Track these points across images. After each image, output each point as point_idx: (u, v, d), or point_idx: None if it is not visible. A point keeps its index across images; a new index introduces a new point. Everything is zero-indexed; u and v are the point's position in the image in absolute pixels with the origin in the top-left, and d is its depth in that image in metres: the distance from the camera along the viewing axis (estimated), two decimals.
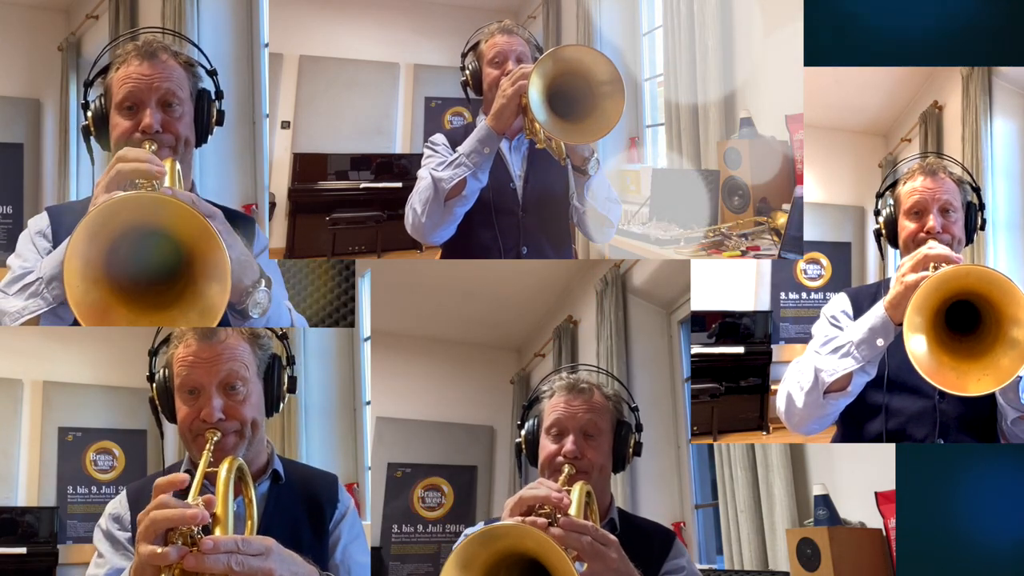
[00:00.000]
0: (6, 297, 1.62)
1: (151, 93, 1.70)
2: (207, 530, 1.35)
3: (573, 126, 1.99)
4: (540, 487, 1.47)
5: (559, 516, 1.43)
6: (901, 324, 1.74)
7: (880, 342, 1.79)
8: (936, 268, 1.72)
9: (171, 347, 1.65)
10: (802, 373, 1.88)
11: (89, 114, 1.75)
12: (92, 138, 1.76)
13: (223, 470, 1.44)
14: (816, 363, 1.85)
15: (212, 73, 1.83)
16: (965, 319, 1.73)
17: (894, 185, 2.04)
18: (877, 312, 1.79)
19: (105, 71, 1.76)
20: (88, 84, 1.78)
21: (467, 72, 2.22)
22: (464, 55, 2.25)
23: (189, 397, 1.60)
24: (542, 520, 1.40)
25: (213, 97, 1.81)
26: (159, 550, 1.29)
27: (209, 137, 1.82)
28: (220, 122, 1.82)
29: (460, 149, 2.08)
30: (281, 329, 1.74)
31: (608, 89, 1.96)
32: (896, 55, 2.49)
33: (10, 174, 3.30)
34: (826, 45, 2.44)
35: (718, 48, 3.28)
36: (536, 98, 1.95)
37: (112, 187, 1.51)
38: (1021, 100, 3.05)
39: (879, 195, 2.07)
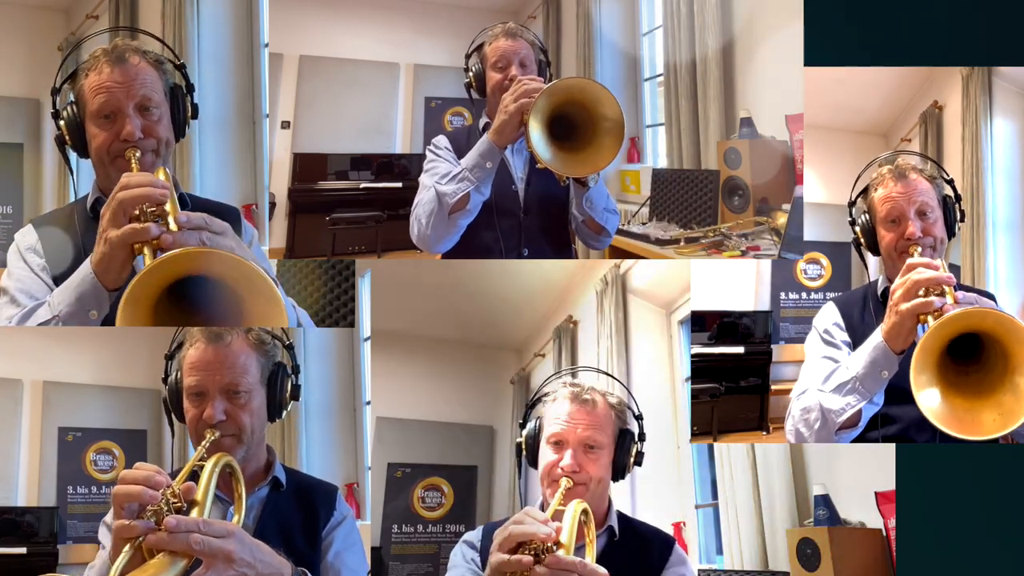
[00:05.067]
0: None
1: (128, 100, 1.68)
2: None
3: (570, 156, 2.01)
4: (529, 523, 1.45)
5: (549, 548, 1.42)
6: (902, 352, 1.72)
7: (885, 374, 1.75)
8: (927, 293, 1.69)
9: (183, 349, 1.68)
10: (809, 411, 1.84)
11: (62, 123, 1.71)
12: (68, 147, 1.73)
13: (209, 463, 1.49)
14: (823, 402, 1.81)
15: (180, 67, 1.80)
16: (965, 347, 1.70)
17: (865, 192, 2.00)
18: (876, 342, 1.75)
19: (72, 76, 1.73)
20: (56, 92, 1.74)
21: (471, 74, 2.23)
22: (468, 56, 2.25)
23: (196, 399, 1.64)
24: (528, 559, 1.40)
25: (185, 91, 1.79)
26: (127, 523, 1.33)
27: (187, 130, 1.80)
28: (195, 115, 1.80)
29: (463, 163, 2.08)
30: (288, 339, 1.75)
31: (609, 125, 1.97)
32: (896, 55, 2.50)
33: (10, 174, 3.30)
34: (826, 45, 2.44)
35: (718, 48, 3.28)
36: (537, 135, 1.96)
37: (118, 218, 1.50)
38: (1021, 100, 3.05)
39: (851, 203, 2.03)
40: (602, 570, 1.42)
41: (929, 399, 1.63)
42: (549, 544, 1.42)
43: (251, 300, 1.47)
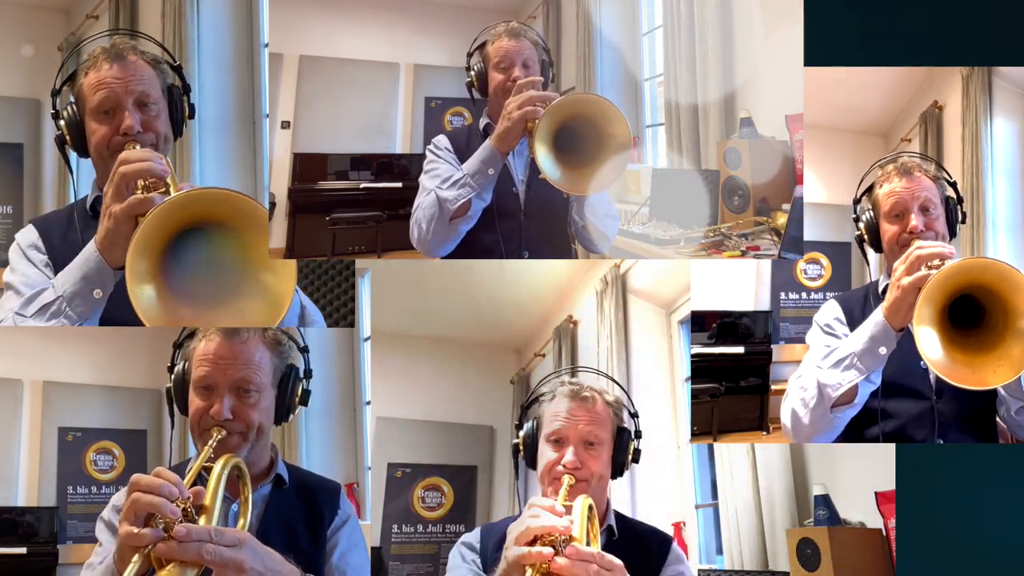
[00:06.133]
0: (25, 320, 1.62)
1: (127, 95, 1.71)
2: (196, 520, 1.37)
3: (577, 173, 2.01)
4: (543, 515, 1.46)
5: (565, 541, 1.43)
6: (902, 330, 1.73)
7: (883, 350, 1.77)
8: (931, 267, 1.71)
9: (194, 340, 1.67)
10: (805, 389, 1.86)
11: (62, 123, 1.73)
12: (68, 147, 1.75)
13: (218, 465, 1.48)
14: (819, 377, 1.83)
15: (177, 68, 1.84)
16: (967, 314, 1.72)
17: (870, 189, 2.03)
18: (876, 319, 1.77)
19: (72, 78, 1.75)
20: (55, 93, 1.77)
21: (472, 73, 2.22)
22: (469, 55, 2.24)
23: (203, 392, 1.63)
24: (548, 551, 1.41)
25: (182, 91, 1.82)
26: (136, 531, 1.31)
27: (184, 129, 1.83)
28: (192, 115, 1.83)
29: (465, 168, 2.08)
30: (303, 342, 1.75)
31: (617, 144, 1.98)
32: (896, 55, 2.50)
33: (10, 174, 3.30)
34: (826, 45, 2.44)
35: (718, 48, 3.28)
36: (543, 154, 1.96)
37: (120, 192, 1.52)
38: (1021, 100, 3.05)
39: (856, 200, 2.06)
40: (617, 561, 1.44)
41: (930, 346, 1.64)
42: (564, 536, 1.43)
43: (258, 244, 1.46)
